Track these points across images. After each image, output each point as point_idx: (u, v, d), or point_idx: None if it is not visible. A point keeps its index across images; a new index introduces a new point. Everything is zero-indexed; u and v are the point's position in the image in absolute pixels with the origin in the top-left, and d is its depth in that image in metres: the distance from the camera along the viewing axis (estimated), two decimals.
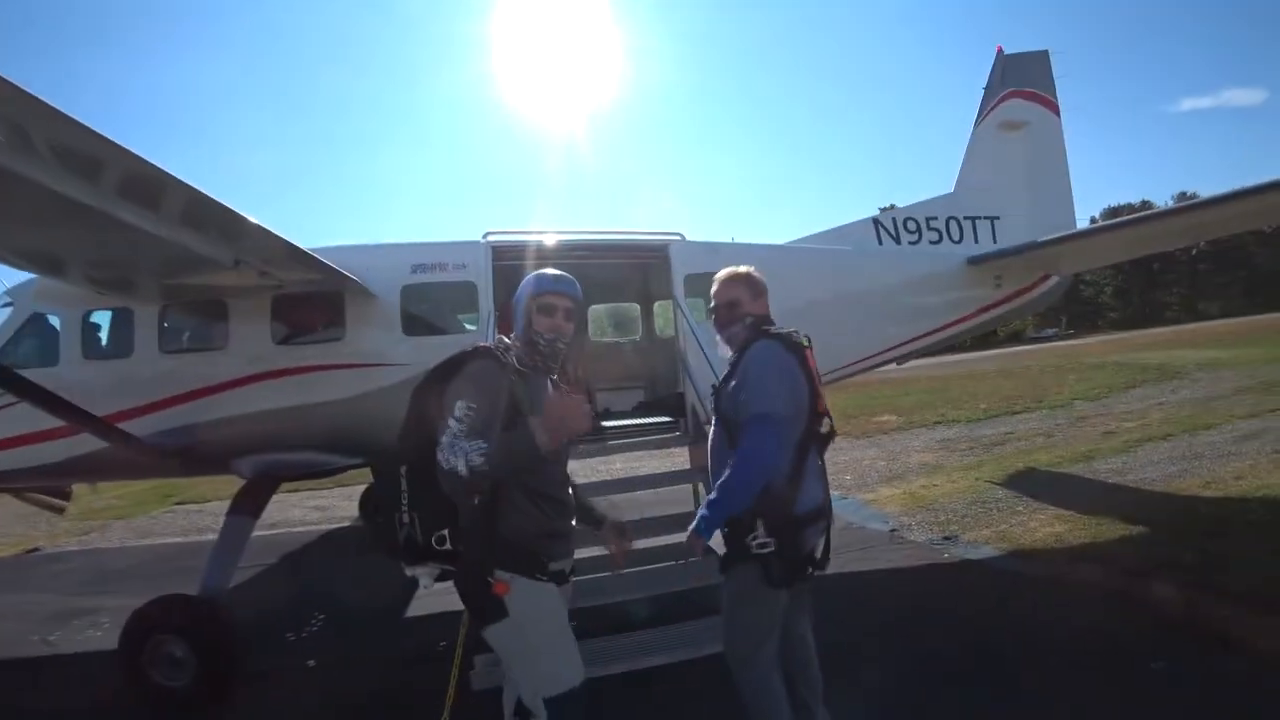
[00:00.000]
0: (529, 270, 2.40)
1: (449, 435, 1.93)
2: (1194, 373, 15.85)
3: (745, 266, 2.70)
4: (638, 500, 6.17)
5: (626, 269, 6.54)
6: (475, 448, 1.88)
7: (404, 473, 2.13)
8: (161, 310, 5.19)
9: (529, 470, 2.05)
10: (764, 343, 2.47)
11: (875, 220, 7.17)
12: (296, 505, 10.38)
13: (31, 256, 4.21)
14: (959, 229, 7.19)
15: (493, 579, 2.05)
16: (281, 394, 5.09)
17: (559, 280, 2.29)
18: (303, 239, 4.31)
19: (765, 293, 2.65)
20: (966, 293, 6.86)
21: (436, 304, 5.62)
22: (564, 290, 2.26)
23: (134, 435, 4.68)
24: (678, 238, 5.83)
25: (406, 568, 2.18)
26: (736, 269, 2.69)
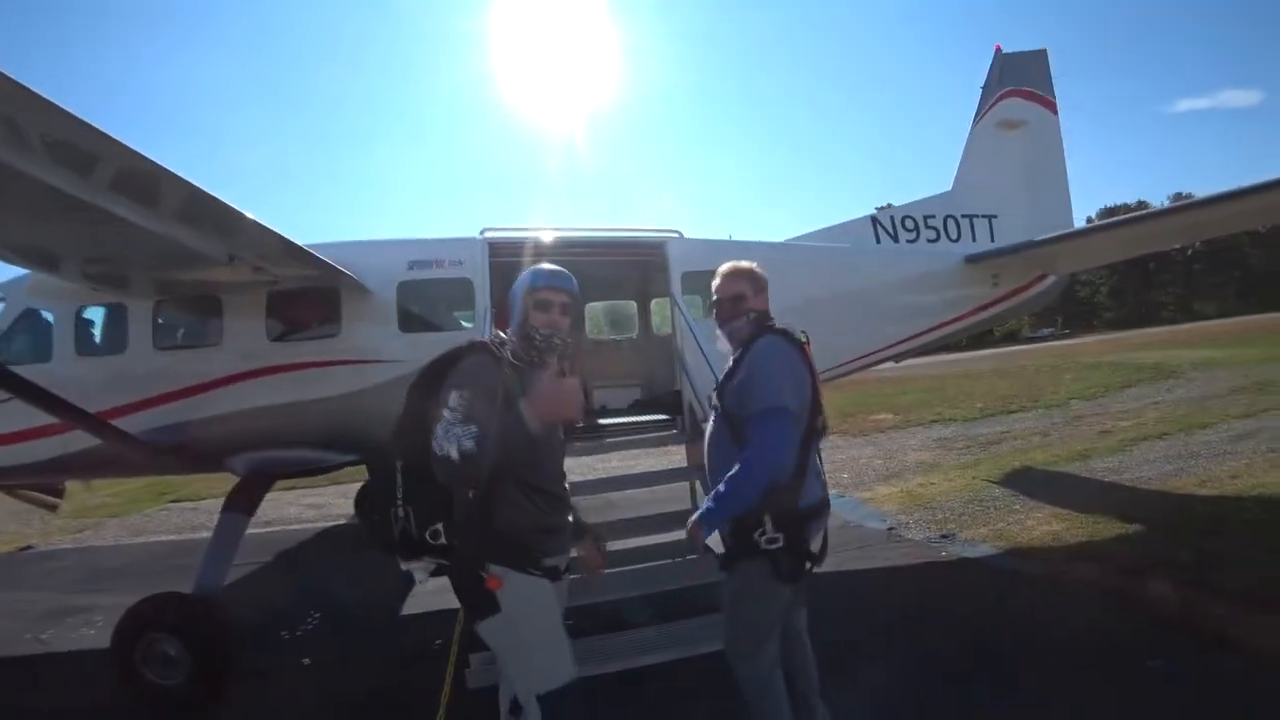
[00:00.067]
0: (526, 267, 2.38)
1: (443, 425, 1.92)
2: (1189, 372, 15.86)
3: (747, 261, 2.67)
4: (634, 498, 6.17)
5: (624, 266, 6.52)
6: (467, 432, 1.89)
7: (399, 468, 2.12)
8: (155, 306, 5.17)
9: (522, 456, 2.03)
10: (771, 337, 2.45)
11: (873, 218, 7.16)
12: (292, 503, 10.35)
13: (24, 251, 4.18)
14: (957, 227, 7.19)
15: (485, 573, 2.04)
16: (276, 391, 5.07)
17: (555, 275, 2.28)
18: (298, 236, 4.29)
19: (766, 288, 2.63)
20: (964, 291, 6.86)
21: (433, 300, 5.60)
22: (560, 285, 2.26)
23: (127, 432, 4.64)
24: (675, 235, 5.82)
25: (402, 562, 2.17)
26: (739, 263, 2.64)
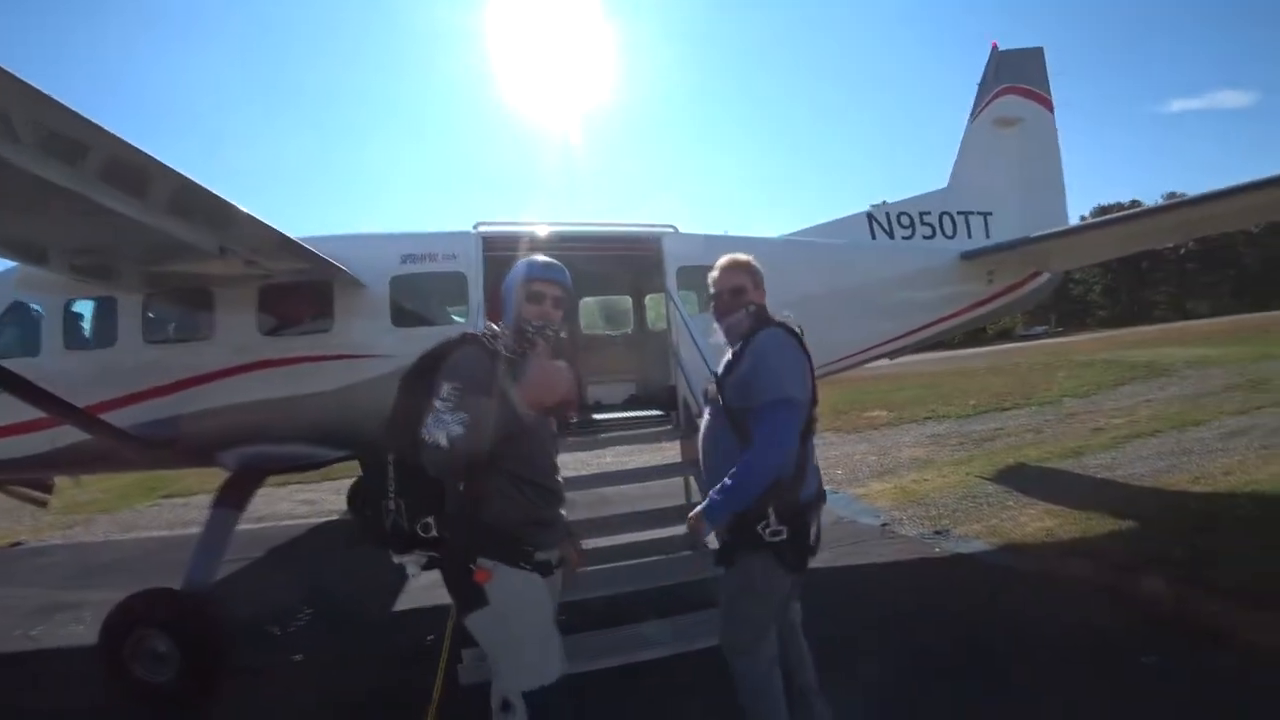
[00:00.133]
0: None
1: (433, 415, 1.90)
2: (1182, 370, 15.90)
3: (745, 255, 2.64)
4: (628, 494, 6.15)
5: (619, 261, 6.48)
6: (456, 419, 1.87)
7: (391, 461, 2.10)
8: (146, 299, 5.11)
9: (513, 445, 2.01)
10: (773, 330, 2.43)
11: (869, 214, 7.14)
12: (285, 499, 10.31)
13: (11, 244, 4.13)
14: (952, 224, 7.20)
15: (474, 566, 2.01)
16: (268, 385, 5.03)
17: (548, 268, 2.25)
18: (291, 229, 4.26)
19: (763, 282, 2.61)
20: (959, 288, 6.86)
21: (426, 295, 5.56)
22: (553, 278, 2.24)
23: (117, 427, 4.59)
24: (670, 230, 5.79)
25: (394, 556, 2.16)
26: (738, 256, 2.61)
